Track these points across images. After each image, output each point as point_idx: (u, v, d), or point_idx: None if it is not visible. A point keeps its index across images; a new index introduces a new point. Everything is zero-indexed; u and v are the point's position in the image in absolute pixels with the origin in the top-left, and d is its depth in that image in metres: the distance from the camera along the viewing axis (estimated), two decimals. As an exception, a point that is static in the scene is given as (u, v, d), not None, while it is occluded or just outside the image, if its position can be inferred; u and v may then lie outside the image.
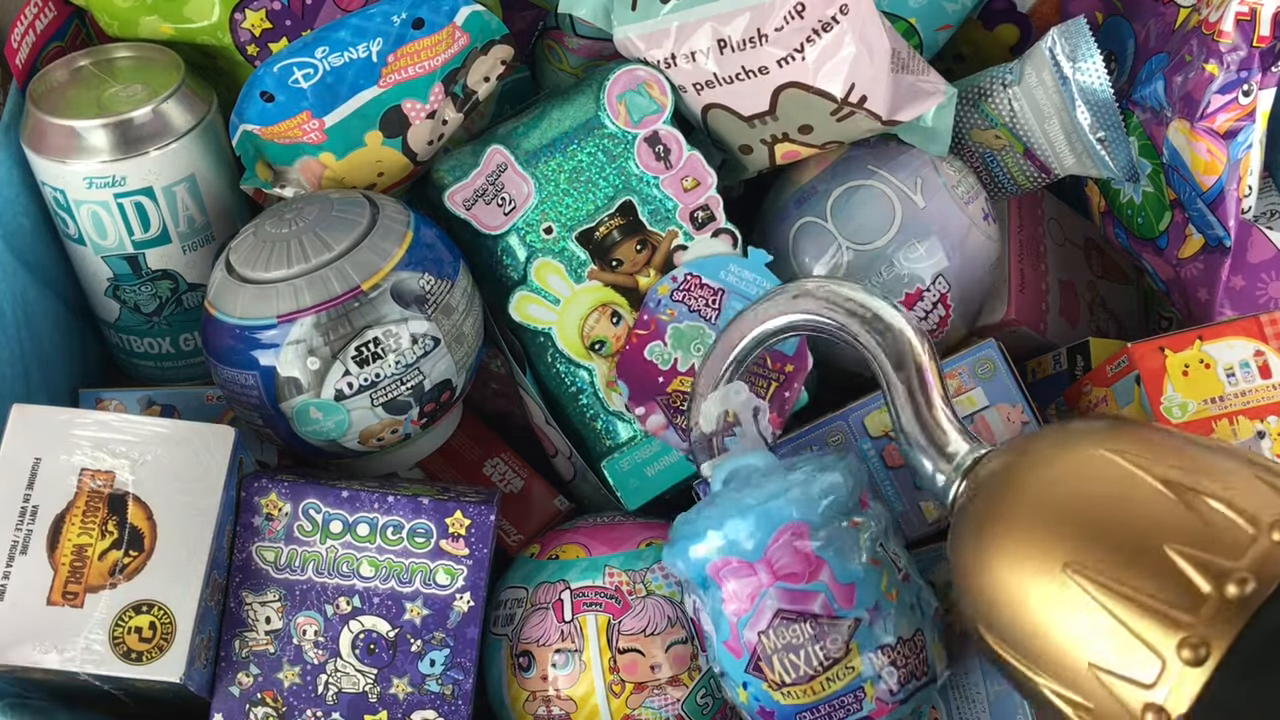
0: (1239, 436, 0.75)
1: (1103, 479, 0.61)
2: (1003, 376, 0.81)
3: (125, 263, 0.83)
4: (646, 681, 0.77)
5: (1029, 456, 0.66)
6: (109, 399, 0.85)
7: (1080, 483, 0.62)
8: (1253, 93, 0.81)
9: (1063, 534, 0.61)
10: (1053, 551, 0.60)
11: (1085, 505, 0.61)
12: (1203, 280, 0.85)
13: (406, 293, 0.75)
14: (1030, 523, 0.62)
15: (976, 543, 0.64)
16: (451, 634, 0.76)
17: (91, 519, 0.72)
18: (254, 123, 0.80)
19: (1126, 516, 0.60)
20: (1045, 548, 0.61)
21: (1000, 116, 0.85)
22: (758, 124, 0.83)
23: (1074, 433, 0.66)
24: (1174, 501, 0.59)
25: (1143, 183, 0.86)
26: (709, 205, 0.84)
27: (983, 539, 0.64)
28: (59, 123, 0.79)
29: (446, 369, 0.78)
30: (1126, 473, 0.61)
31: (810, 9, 0.78)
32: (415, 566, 0.76)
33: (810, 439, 0.83)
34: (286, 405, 0.76)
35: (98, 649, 0.70)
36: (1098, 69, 0.82)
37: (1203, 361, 0.76)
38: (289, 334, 0.74)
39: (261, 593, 0.76)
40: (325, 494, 0.76)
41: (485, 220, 0.81)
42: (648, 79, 0.83)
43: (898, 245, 0.84)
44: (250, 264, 0.76)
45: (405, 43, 0.80)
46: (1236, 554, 0.56)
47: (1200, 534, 0.57)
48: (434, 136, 0.82)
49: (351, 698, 0.76)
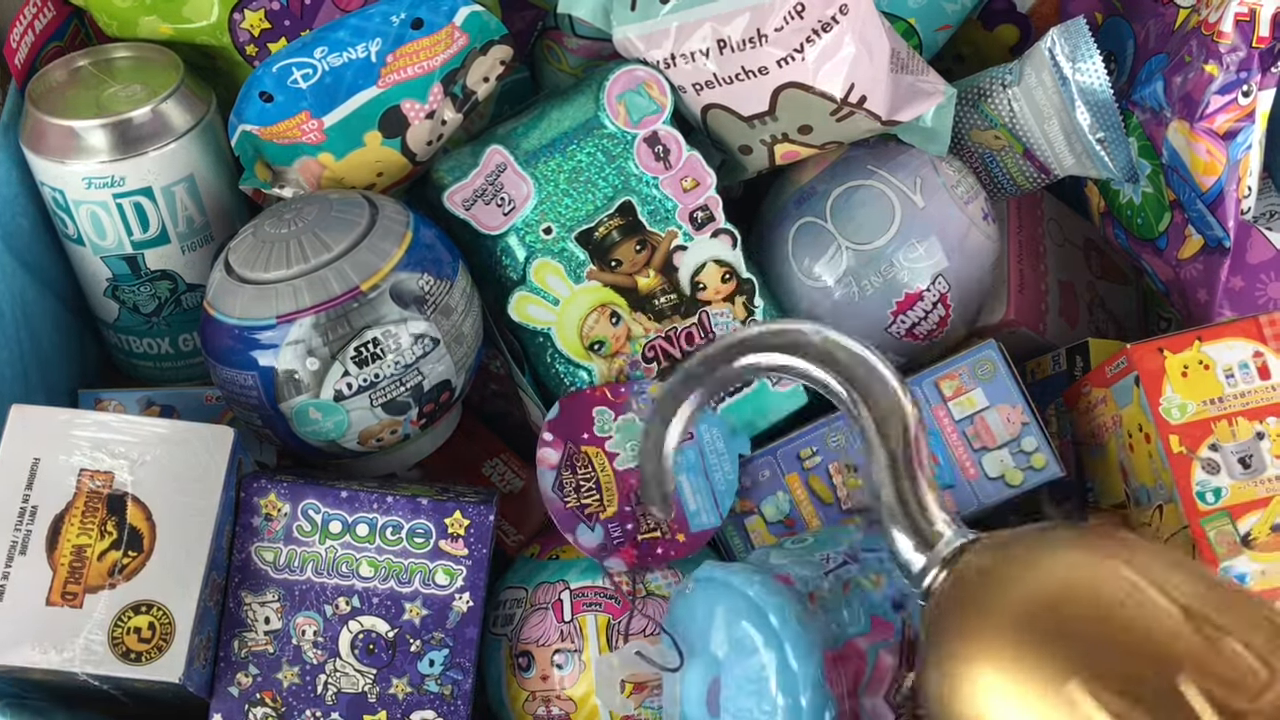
0: (1238, 437, 0.75)
1: (1114, 594, 0.57)
2: (1003, 377, 0.81)
3: (124, 263, 0.83)
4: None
5: (1026, 556, 0.60)
6: (108, 399, 0.85)
7: (1089, 593, 0.57)
8: (1252, 93, 0.81)
9: (1070, 648, 0.56)
10: (1057, 666, 0.55)
11: (1096, 619, 0.56)
12: (1202, 281, 0.85)
13: (406, 293, 0.75)
14: (1031, 630, 0.57)
15: (959, 641, 0.59)
16: (451, 634, 0.76)
17: (91, 519, 0.72)
18: (253, 123, 0.80)
19: (1141, 639, 0.55)
20: (1048, 659, 0.56)
21: (1000, 117, 0.85)
22: (757, 124, 0.83)
23: (1078, 539, 0.61)
24: (1191, 632, 0.55)
25: (1142, 183, 0.86)
26: (708, 205, 0.84)
27: (967, 638, 0.59)
28: (58, 123, 0.79)
29: (446, 369, 0.78)
30: (1141, 591, 0.57)
31: (810, 9, 0.78)
32: (414, 567, 0.76)
33: (810, 439, 0.83)
34: (286, 406, 0.76)
35: (97, 649, 0.70)
36: (1097, 69, 0.82)
37: (1202, 362, 0.76)
38: (288, 334, 0.74)
39: (261, 593, 0.76)
40: (324, 494, 0.76)
41: (484, 220, 0.81)
42: (647, 79, 0.83)
43: (897, 245, 0.84)
44: (249, 264, 0.76)
45: (404, 43, 0.80)
46: (1252, 697, 0.53)
47: (1217, 670, 0.54)
48: (433, 137, 0.82)
49: (351, 698, 0.76)
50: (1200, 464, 0.75)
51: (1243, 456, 0.75)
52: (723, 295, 0.84)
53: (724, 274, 0.84)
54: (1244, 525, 0.74)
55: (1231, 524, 0.74)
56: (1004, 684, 0.56)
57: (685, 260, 0.84)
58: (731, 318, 0.84)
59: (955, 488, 0.82)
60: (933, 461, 0.73)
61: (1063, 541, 0.61)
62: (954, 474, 0.81)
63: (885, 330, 0.85)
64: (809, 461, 0.83)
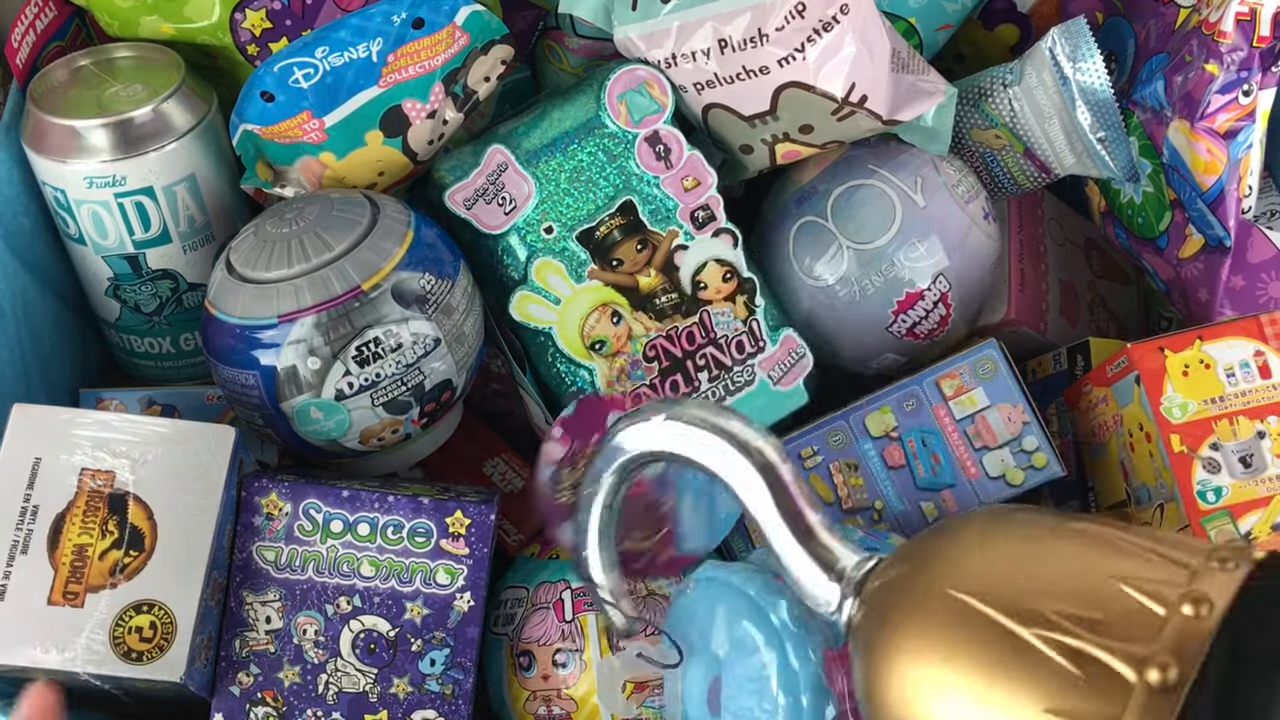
0: (1239, 437, 0.75)
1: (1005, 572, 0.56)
2: (1004, 377, 0.81)
3: (125, 262, 0.83)
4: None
5: (918, 559, 0.59)
6: (109, 399, 0.85)
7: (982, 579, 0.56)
8: (1253, 93, 0.81)
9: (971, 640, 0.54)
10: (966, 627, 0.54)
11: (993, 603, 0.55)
12: (1203, 280, 0.85)
13: (407, 293, 0.75)
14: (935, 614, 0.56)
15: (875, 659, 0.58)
16: (452, 634, 0.76)
17: (92, 519, 0.72)
18: (254, 122, 0.80)
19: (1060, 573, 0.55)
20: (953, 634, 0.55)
21: (1000, 116, 0.85)
22: (758, 124, 0.83)
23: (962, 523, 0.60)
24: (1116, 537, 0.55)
25: (1143, 183, 0.87)
26: (709, 205, 0.84)
27: (878, 651, 0.58)
28: (59, 122, 0.79)
29: (447, 369, 0.78)
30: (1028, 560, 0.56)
31: (811, 9, 0.78)
32: (415, 566, 0.76)
33: (810, 439, 0.83)
34: (287, 405, 0.76)
35: (98, 649, 0.70)
36: (1098, 69, 0.82)
37: (1203, 362, 0.76)
38: (289, 334, 0.74)
39: (262, 592, 0.76)
40: (325, 494, 0.76)
41: (486, 220, 0.81)
42: (648, 79, 0.83)
43: (898, 245, 0.84)
44: (251, 264, 0.76)
45: (405, 42, 0.80)
46: (1150, 637, 0.52)
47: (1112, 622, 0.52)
48: (434, 136, 0.82)
49: (352, 697, 0.76)
50: (1201, 463, 0.75)
51: (1244, 456, 0.75)
52: (724, 294, 0.84)
53: (725, 273, 0.84)
54: (1245, 524, 0.74)
55: (1232, 523, 0.74)
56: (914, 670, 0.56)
57: (686, 260, 0.84)
58: (732, 316, 0.84)
59: (956, 487, 0.82)
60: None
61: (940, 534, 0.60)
62: (955, 474, 0.82)
63: (886, 329, 0.85)
64: (809, 461, 0.83)
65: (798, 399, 0.86)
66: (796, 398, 0.86)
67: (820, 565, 0.63)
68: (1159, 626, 0.52)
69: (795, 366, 0.86)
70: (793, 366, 0.86)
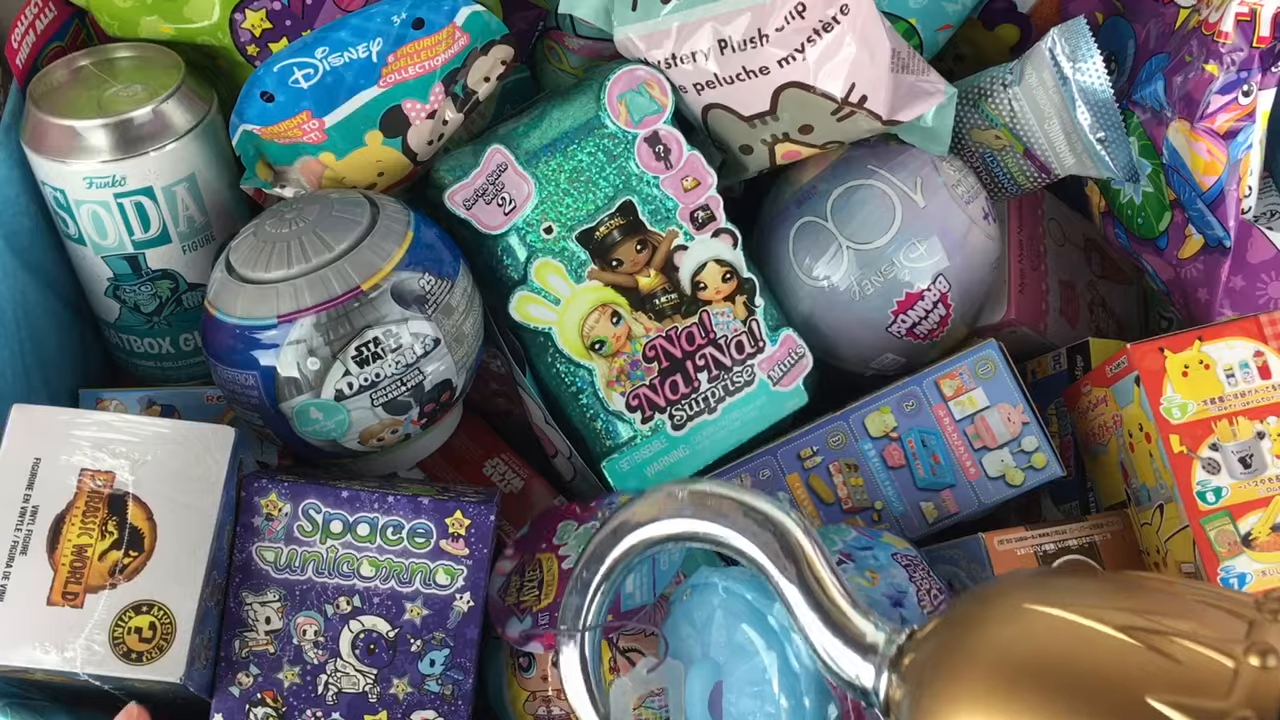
0: (1239, 437, 0.75)
1: (1054, 636, 0.55)
2: (1004, 377, 0.81)
3: (125, 262, 0.83)
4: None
5: (959, 629, 0.59)
6: (109, 399, 0.85)
7: (1031, 644, 0.56)
8: (1253, 93, 0.81)
9: (1031, 705, 0.54)
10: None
11: (1047, 668, 0.55)
12: (1203, 280, 0.85)
13: (407, 293, 0.75)
14: (989, 701, 0.55)
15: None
16: (451, 634, 0.76)
17: (91, 519, 0.72)
18: (254, 123, 0.80)
19: (1096, 672, 0.54)
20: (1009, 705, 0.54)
21: (1000, 116, 0.85)
22: (758, 124, 0.83)
23: (1000, 592, 0.60)
24: (1138, 649, 0.54)
25: (1143, 183, 0.87)
26: (709, 205, 0.84)
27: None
28: (59, 123, 0.79)
29: (446, 369, 0.78)
30: (1077, 625, 0.55)
31: (811, 9, 0.78)
32: (415, 566, 0.76)
33: (810, 439, 0.83)
34: (287, 405, 0.76)
35: (98, 649, 0.70)
36: (1098, 69, 0.82)
37: (1202, 362, 0.76)
38: (289, 334, 0.74)
39: (261, 593, 0.76)
40: (325, 494, 0.76)
41: (485, 220, 0.81)
42: (648, 79, 0.83)
43: (898, 245, 0.84)
44: (250, 264, 0.76)
45: (405, 43, 0.80)
46: (1224, 693, 0.51)
47: (1179, 678, 0.52)
48: (434, 136, 0.82)
49: (351, 698, 0.76)
50: (1201, 463, 0.75)
51: (1243, 456, 0.75)
52: (723, 295, 0.84)
53: (725, 273, 0.84)
54: (1244, 525, 0.74)
55: (1232, 524, 0.74)
56: None
57: (686, 260, 0.84)
58: (732, 317, 0.84)
59: (956, 487, 0.82)
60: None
61: (989, 600, 0.59)
62: (954, 474, 0.82)
63: (886, 330, 0.85)
64: (809, 461, 0.83)
65: (797, 399, 0.86)
66: (796, 398, 0.86)
67: (851, 643, 0.63)
68: (1231, 680, 0.52)
69: (795, 367, 0.86)
70: (792, 367, 0.86)
